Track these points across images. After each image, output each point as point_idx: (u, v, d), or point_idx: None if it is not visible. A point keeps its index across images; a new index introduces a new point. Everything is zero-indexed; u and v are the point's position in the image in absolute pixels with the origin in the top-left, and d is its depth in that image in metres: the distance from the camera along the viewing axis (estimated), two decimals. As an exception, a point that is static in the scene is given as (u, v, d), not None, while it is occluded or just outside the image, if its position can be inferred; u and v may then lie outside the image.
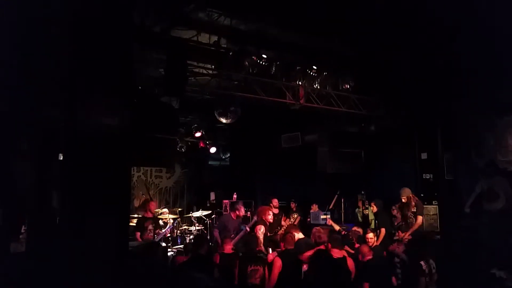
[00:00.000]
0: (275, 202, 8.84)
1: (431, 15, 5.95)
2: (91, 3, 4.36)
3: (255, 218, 7.45)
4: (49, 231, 4.27)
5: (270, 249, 7.00)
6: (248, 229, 7.22)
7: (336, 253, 5.61)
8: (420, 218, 7.36)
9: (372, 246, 6.48)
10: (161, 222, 9.20)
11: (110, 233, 4.20)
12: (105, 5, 4.41)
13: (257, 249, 6.41)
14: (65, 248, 4.00)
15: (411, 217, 7.44)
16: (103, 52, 4.36)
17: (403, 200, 7.55)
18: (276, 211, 8.75)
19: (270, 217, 7.29)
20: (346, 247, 6.39)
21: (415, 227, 7.30)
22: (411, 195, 7.53)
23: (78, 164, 4.21)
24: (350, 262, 5.71)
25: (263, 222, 7.25)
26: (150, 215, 8.16)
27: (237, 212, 7.74)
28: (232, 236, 7.13)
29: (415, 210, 7.40)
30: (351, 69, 8.17)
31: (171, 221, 9.26)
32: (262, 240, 7.08)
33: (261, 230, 7.06)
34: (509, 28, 5.72)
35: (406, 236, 7.24)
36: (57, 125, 4.47)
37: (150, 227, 7.19)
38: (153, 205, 8.51)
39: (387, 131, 9.18)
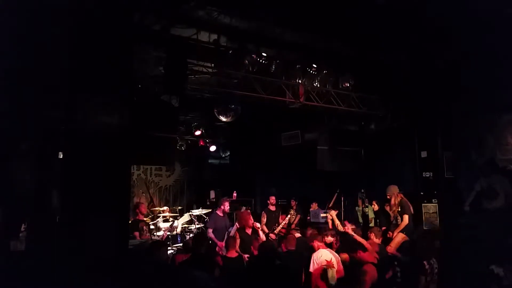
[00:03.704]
0: (272, 199, 8.86)
1: (431, 13, 5.94)
2: (91, 2, 4.35)
3: (236, 224, 7.41)
4: (49, 229, 4.27)
5: None
6: (238, 226, 7.22)
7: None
8: (406, 217, 7.33)
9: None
10: (160, 220, 9.22)
11: (109, 231, 4.21)
12: (104, 4, 4.40)
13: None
14: (64, 246, 4.00)
15: (398, 216, 7.45)
16: (102, 50, 4.36)
17: (387, 197, 7.59)
18: (273, 208, 8.78)
19: (251, 222, 7.28)
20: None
21: (401, 226, 7.30)
22: (395, 193, 7.52)
23: (78, 162, 4.22)
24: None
25: (243, 229, 7.17)
26: (142, 217, 8.17)
27: (222, 207, 7.75)
28: (224, 234, 7.17)
29: (399, 209, 7.41)
30: (351, 67, 8.16)
31: (170, 221, 9.26)
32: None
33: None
34: (509, 27, 5.71)
35: (394, 236, 7.24)
36: (57, 124, 4.47)
37: (145, 228, 7.25)
38: (143, 206, 8.53)
39: (387, 129, 9.17)
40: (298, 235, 6.79)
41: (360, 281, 5.44)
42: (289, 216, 8.55)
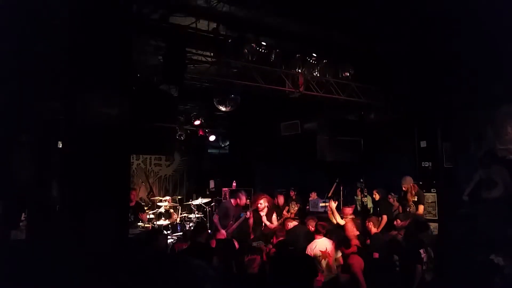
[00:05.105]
0: (280, 199, 8.94)
1: (431, 4, 5.90)
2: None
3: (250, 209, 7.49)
4: (49, 219, 4.29)
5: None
6: (247, 216, 7.25)
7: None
8: (421, 207, 7.42)
9: (372, 234, 6.54)
10: (162, 210, 9.27)
11: (109, 221, 4.22)
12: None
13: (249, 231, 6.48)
14: (64, 236, 4.03)
15: (411, 206, 7.50)
16: (101, 40, 4.33)
17: (404, 189, 7.62)
18: (281, 202, 8.87)
19: (260, 206, 7.34)
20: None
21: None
22: (411, 184, 7.57)
23: (78, 152, 4.21)
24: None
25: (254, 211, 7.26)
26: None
27: (238, 200, 7.78)
28: (230, 222, 7.19)
29: (415, 199, 7.46)
30: (351, 57, 8.11)
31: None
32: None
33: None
34: (508, 20, 5.68)
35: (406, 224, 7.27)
36: (57, 115, 4.46)
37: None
38: (133, 194, 8.46)
39: (386, 119, 9.16)
40: (294, 223, 6.81)
41: (351, 274, 5.48)
42: (291, 210, 8.60)
